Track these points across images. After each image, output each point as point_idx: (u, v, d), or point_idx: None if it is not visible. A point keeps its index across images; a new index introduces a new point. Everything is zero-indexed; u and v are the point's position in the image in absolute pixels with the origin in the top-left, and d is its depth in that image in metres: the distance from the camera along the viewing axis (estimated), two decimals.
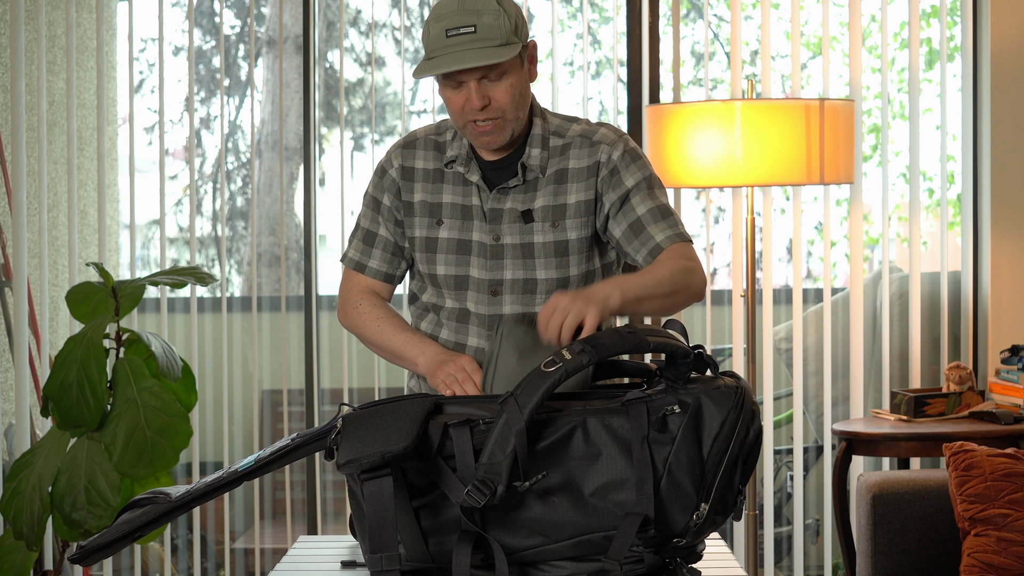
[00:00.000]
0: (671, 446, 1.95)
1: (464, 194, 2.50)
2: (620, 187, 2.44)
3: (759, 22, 6.82)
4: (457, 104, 2.38)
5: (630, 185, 2.44)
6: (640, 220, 2.43)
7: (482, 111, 2.36)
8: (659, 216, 2.43)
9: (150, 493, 2.04)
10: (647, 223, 2.42)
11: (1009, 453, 3.28)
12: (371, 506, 1.89)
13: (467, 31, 2.31)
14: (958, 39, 4.54)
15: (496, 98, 2.36)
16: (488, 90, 2.36)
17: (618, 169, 2.45)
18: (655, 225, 2.42)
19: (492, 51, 2.31)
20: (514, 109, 2.39)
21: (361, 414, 1.94)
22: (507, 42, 2.33)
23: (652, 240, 2.41)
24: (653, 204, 2.44)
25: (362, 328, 2.57)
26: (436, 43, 2.33)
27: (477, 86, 2.34)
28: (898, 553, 3.45)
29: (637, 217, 2.43)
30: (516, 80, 2.38)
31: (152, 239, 6.06)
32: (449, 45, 2.32)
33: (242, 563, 4.85)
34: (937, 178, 6.49)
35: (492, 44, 2.32)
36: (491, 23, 2.32)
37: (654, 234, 2.41)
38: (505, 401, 1.91)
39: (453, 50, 2.31)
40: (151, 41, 6.27)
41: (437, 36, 2.33)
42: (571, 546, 1.97)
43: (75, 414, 3.32)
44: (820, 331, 4.54)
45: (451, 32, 2.31)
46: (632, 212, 2.43)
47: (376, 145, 6.18)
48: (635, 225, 2.43)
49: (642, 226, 2.42)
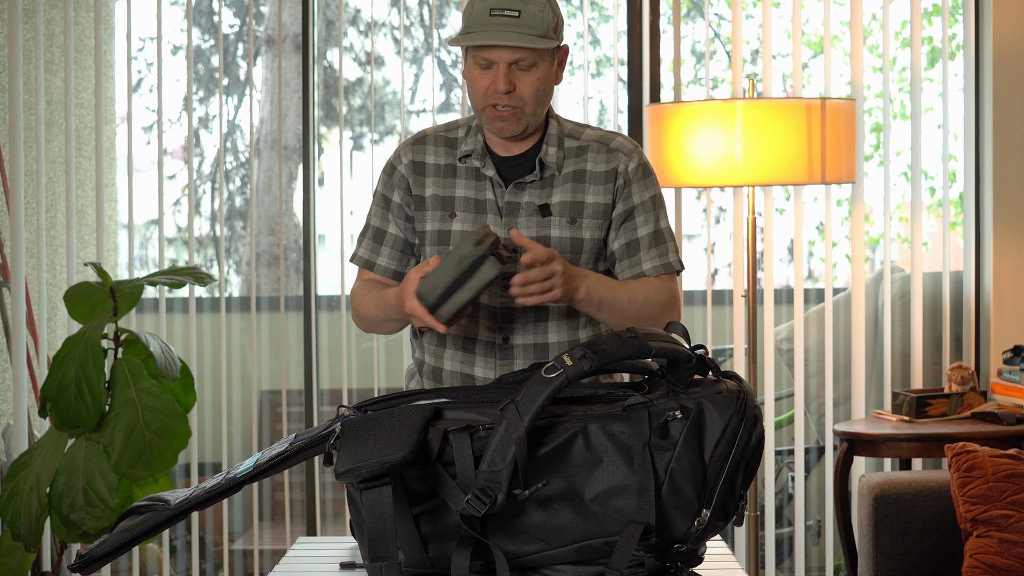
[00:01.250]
0: (672, 452, 1.94)
1: (477, 189, 2.55)
2: (628, 201, 2.54)
3: (760, 21, 6.81)
4: (482, 85, 2.45)
5: (636, 202, 2.55)
6: (637, 242, 2.55)
7: (505, 95, 2.43)
8: (655, 242, 2.55)
9: (149, 500, 2.03)
10: (642, 247, 2.55)
11: (1011, 454, 3.27)
12: (370, 515, 1.88)
13: (511, 14, 2.39)
14: (960, 38, 4.52)
15: (521, 87, 2.45)
16: (516, 77, 2.44)
17: (630, 182, 2.55)
18: (648, 251, 2.55)
19: (532, 38, 2.40)
20: (534, 103, 2.47)
21: (360, 420, 1.93)
22: (546, 35, 2.41)
23: (639, 266, 2.55)
24: (653, 228, 2.56)
25: (364, 318, 2.61)
26: (478, 19, 2.41)
27: (506, 70, 2.42)
28: (900, 554, 3.44)
29: (636, 238, 2.55)
30: (544, 76, 2.46)
31: (150, 239, 6.04)
32: (491, 24, 2.39)
33: (241, 564, 4.84)
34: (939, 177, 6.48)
35: (532, 32, 2.40)
36: (535, 12, 2.41)
37: (643, 260, 2.55)
38: (505, 408, 1.90)
39: (494, 29, 2.39)
40: (150, 40, 6.26)
41: (480, 13, 2.41)
42: (572, 551, 1.96)
43: (73, 415, 3.32)
44: (821, 331, 4.53)
45: (495, 12, 2.40)
46: (633, 231, 2.55)
47: (375, 145, 6.16)
48: (631, 245, 2.55)
49: (637, 248, 2.55)
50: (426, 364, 2.64)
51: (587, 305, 2.46)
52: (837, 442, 4.30)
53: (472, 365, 2.57)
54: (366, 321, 2.62)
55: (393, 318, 2.53)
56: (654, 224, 2.56)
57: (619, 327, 2.50)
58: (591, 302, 2.45)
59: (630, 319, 2.49)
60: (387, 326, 2.59)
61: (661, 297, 2.53)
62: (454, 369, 2.59)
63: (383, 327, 2.60)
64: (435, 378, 2.62)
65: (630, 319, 2.49)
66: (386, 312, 2.53)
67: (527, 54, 2.42)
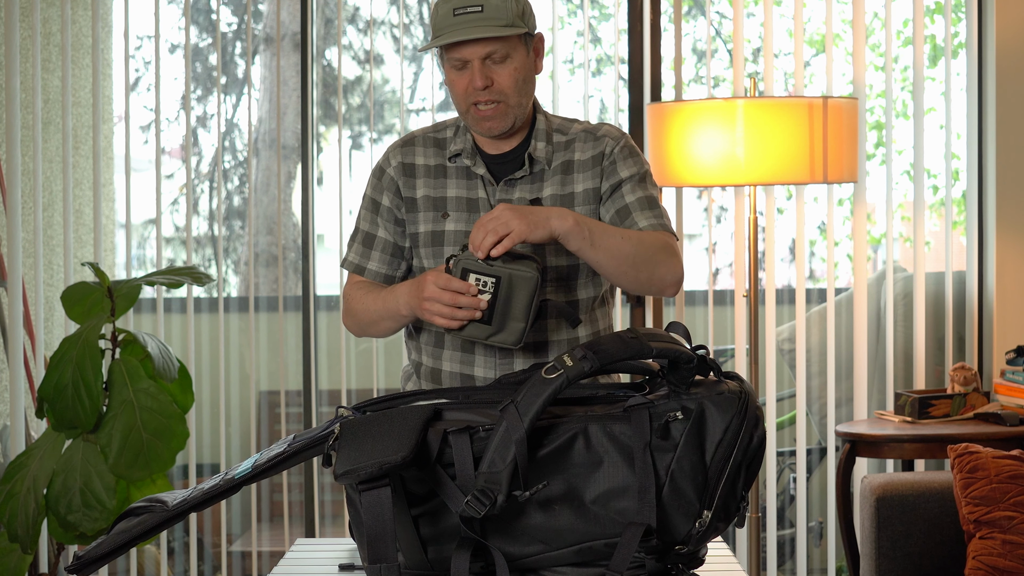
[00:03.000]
0: (674, 453, 1.94)
1: (469, 188, 2.55)
2: (614, 176, 2.53)
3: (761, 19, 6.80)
4: (460, 86, 2.46)
5: (624, 176, 2.53)
6: (628, 207, 2.51)
7: (484, 91, 2.43)
8: (647, 206, 2.51)
9: (146, 501, 2.02)
10: (634, 210, 2.51)
11: (1014, 455, 3.26)
12: (369, 516, 1.87)
13: (474, 10, 2.40)
14: (962, 36, 4.51)
15: (498, 80, 2.44)
16: (491, 71, 2.44)
17: (616, 160, 2.54)
18: (641, 212, 2.50)
19: (497, 28, 2.40)
20: (516, 95, 2.46)
21: (359, 421, 1.92)
22: (512, 24, 2.41)
23: (636, 225, 2.49)
24: (643, 194, 2.52)
25: (358, 318, 2.59)
26: (443, 21, 2.42)
27: (480, 66, 2.42)
28: (902, 556, 3.43)
29: (625, 204, 2.51)
30: (520, 66, 2.46)
31: (148, 239, 6.03)
32: (456, 22, 2.40)
33: (239, 566, 4.83)
34: (941, 177, 6.46)
35: (497, 24, 2.40)
36: (498, 4, 2.41)
37: (638, 220, 2.49)
38: (505, 408, 1.89)
39: (459, 26, 2.40)
40: (147, 38, 6.24)
41: (445, 15, 2.42)
42: (572, 553, 1.95)
43: (70, 415, 3.31)
44: (823, 332, 4.53)
45: (459, 11, 2.40)
46: (621, 199, 2.52)
47: (374, 144, 6.15)
48: (622, 211, 2.51)
49: (628, 212, 2.51)
50: (424, 365, 2.62)
51: (578, 238, 2.31)
52: (839, 443, 4.29)
53: (471, 365, 2.55)
54: (361, 321, 2.59)
55: (395, 315, 2.50)
56: (643, 192, 2.52)
57: (617, 273, 2.39)
58: (581, 233, 2.30)
59: (627, 260, 2.37)
60: (384, 325, 2.55)
61: (656, 241, 2.42)
62: (453, 370, 2.57)
63: (378, 327, 2.57)
64: (434, 379, 2.60)
65: (627, 260, 2.37)
66: (389, 308, 2.49)
67: (498, 45, 2.42)
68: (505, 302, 2.29)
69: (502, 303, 2.29)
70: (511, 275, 2.27)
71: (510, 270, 2.27)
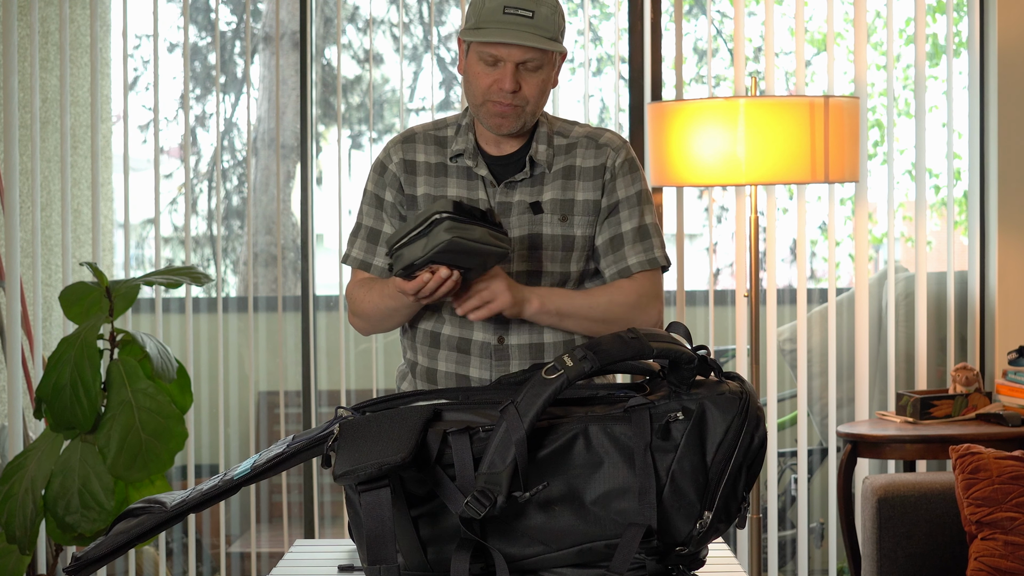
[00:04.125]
0: (674, 454, 1.93)
1: (469, 188, 2.56)
2: (613, 195, 2.56)
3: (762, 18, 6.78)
4: (485, 81, 2.47)
5: (621, 197, 2.56)
6: (621, 237, 2.55)
7: (511, 95, 2.45)
8: (639, 237, 2.56)
9: (145, 502, 2.01)
10: (626, 241, 2.55)
11: (1017, 456, 3.25)
12: (368, 517, 1.87)
13: (525, 14, 2.42)
14: (964, 34, 4.50)
15: (526, 87, 2.47)
16: (521, 77, 2.46)
17: (616, 177, 2.56)
18: (632, 246, 2.55)
19: (544, 40, 2.43)
20: (535, 104, 2.50)
21: (358, 421, 1.92)
22: (555, 38, 2.45)
23: (624, 261, 2.55)
24: (638, 223, 2.56)
25: (369, 316, 2.59)
26: (491, 15, 2.43)
27: (514, 69, 2.45)
28: (904, 557, 3.42)
29: (620, 233, 2.56)
30: (547, 78, 2.50)
31: (147, 238, 6.02)
32: (504, 21, 2.42)
33: (238, 567, 4.82)
34: (943, 176, 6.45)
35: (545, 35, 2.43)
36: (547, 15, 2.44)
37: (628, 256, 2.55)
38: (505, 409, 1.88)
39: (508, 27, 2.41)
40: (146, 37, 6.23)
41: (493, 10, 2.43)
42: (573, 554, 1.95)
43: (68, 416, 3.30)
44: (824, 332, 4.52)
45: (509, 10, 2.42)
46: (617, 226, 2.56)
47: (374, 143, 6.14)
48: (615, 241, 2.56)
49: (621, 243, 2.56)
50: (419, 365, 2.61)
51: (545, 316, 2.49)
52: (840, 443, 4.28)
53: (467, 366, 2.55)
54: (372, 317, 2.58)
55: (405, 304, 2.50)
56: (639, 219, 2.57)
57: (592, 333, 2.53)
58: (548, 312, 2.48)
59: (597, 324, 2.52)
60: (400, 315, 2.55)
61: (627, 298, 2.54)
62: (449, 370, 2.56)
63: (393, 319, 2.56)
64: (429, 379, 2.59)
65: (597, 324, 2.52)
66: (397, 298, 2.49)
67: (537, 55, 2.45)
68: (462, 257, 2.30)
69: (463, 259, 2.30)
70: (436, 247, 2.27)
71: (431, 247, 2.28)
